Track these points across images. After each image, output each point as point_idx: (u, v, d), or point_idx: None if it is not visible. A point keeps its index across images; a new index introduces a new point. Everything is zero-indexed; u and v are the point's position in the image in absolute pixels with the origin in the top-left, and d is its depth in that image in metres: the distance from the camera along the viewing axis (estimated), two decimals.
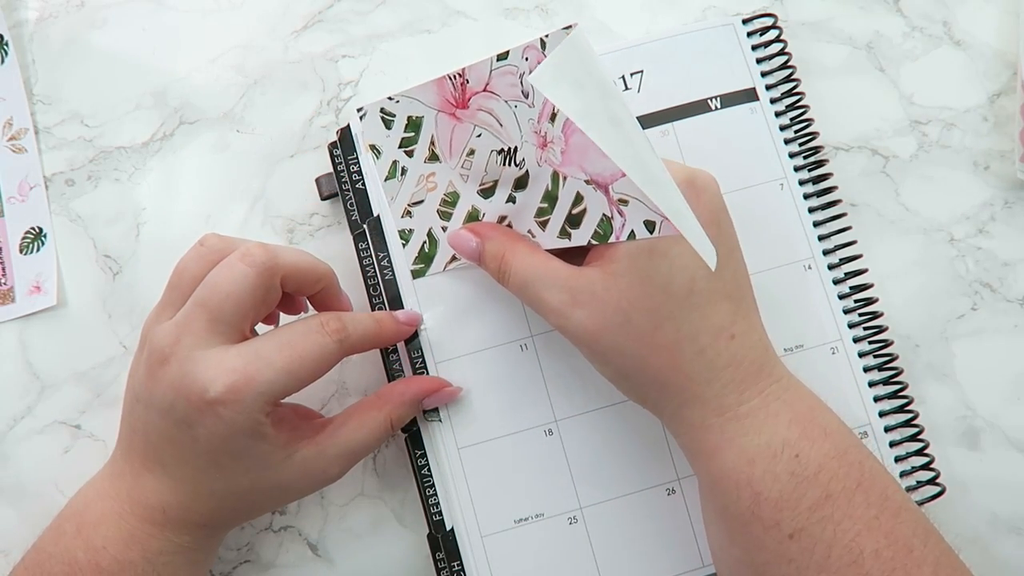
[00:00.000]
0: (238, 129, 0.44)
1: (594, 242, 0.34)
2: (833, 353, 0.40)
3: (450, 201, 0.39)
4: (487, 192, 0.38)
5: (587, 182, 0.33)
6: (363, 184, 0.41)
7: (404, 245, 0.40)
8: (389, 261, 0.41)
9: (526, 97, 0.34)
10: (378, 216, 0.41)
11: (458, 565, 0.39)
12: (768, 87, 0.42)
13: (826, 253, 0.41)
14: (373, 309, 0.41)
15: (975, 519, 0.41)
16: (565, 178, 0.34)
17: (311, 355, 0.34)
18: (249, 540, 0.41)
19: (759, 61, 0.43)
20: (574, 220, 0.35)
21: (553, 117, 0.33)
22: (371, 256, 0.41)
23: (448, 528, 0.39)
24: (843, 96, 0.45)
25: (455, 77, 0.36)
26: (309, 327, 0.35)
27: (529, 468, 0.39)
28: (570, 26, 0.30)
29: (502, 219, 0.38)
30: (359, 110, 0.38)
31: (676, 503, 0.39)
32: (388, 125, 0.39)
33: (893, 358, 0.41)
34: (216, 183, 0.44)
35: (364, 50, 0.45)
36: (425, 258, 0.40)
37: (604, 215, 0.33)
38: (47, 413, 0.42)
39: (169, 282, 0.36)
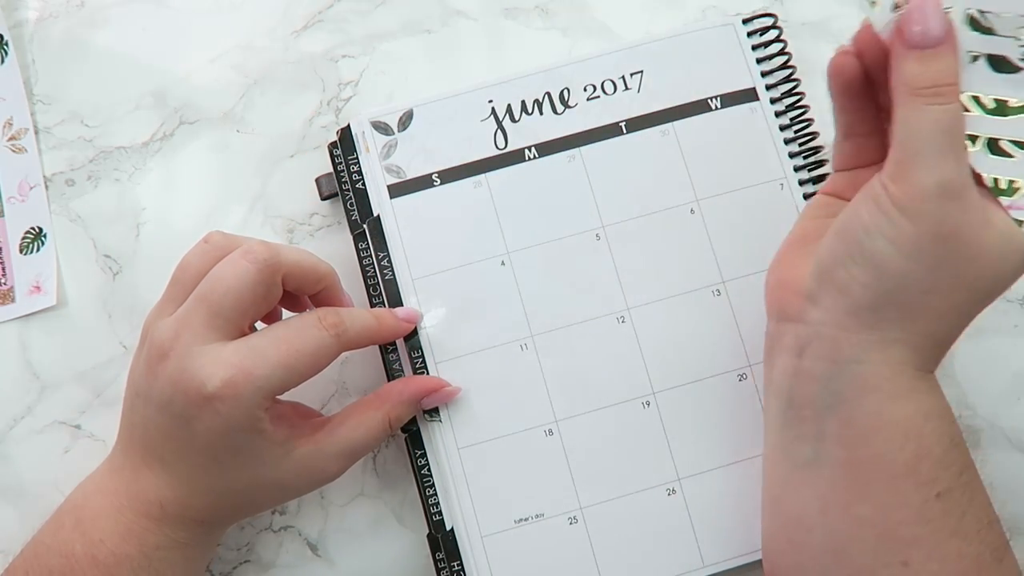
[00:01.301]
0: (238, 129, 0.45)
1: (991, 182, 0.31)
2: None
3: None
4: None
5: None
6: (363, 184, 0.41)
7: None
8: (389, 261, 0.41)
9: None
10: (378, 216, 0.41)
11: (458, 565, 0.39)
12: (768, 87, 0.42)
13: None
14: (373, 308, 0.41)
15: None
16: None
17: (308, 349, 0.34)
18: (249, 540, 0.41)
19: (759, 61, 0.43)
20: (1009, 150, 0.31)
21: None
22: (371, 256, 0.41)
23: (448, 528, 0.39)
24: None
25: None
26: (306, 322, 0.35)
27: (529, 468, 0.39)
28: None
29: None
30: None
31: (676, 503, 0.39)
32: None
33: None
34: (216, 183, 0.44)
35: (364, 50, 0.45)
36: None
37: None
38: (47, 413, 0.42)
39: (172, 278, 0.36)
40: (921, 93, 0.30)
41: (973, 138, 0.32)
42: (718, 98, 0.42)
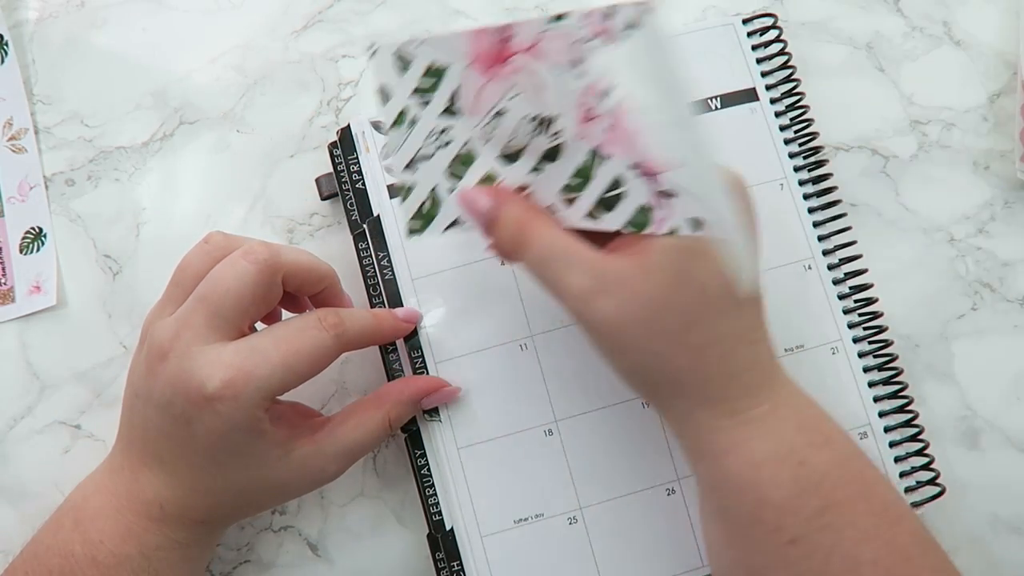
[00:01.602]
0: (238, 129, 0.45)
1: (627, 230, 0.32)
2: (833, 353, 0.40)
3: (464, 161, 0.36)
4: (511, 157, 0.35)
5: (632, 167, 0.31)
6: (363, 184, 0.41)
7: (402, 200, 0.36)
8: (389, 261, 0.41)
9: (575, 66, 0.31)
10: (378, 216, 0.41)
11: (458, 565, 0.39)
12: (768, 87, 0.42)
13: (826, 253, 0.41)
14: (373, 308, 0.41)
15: (975, 519, 0.41)
16: (605, 157, 0.32)
17: (307, 350, 0.34)
18: (249, 540, 0.41)
19: (759, 61, 0.43)
20: (607, 203, 0.33)
21: (606, 93, 0.31)
22: (371, 256, 0.41)
23: (448, 528, 0.39)
24: (843, 96, 0.45)
25: (499, 31, 0.32)
26: (306, 322, 0.35)
27: (529, 468, 0.39)
28: (643, 2, 0.29)
29: (521, 189, 0.35)
30: (371, 47, 0.34)
31: (676, 503, 0.39)
32: (403, 69, 0.34)
33: (893, 358, 0.41)
34: (216, 183, 0.44)
35: (364, 50, 0.45)
36: (423, 218, 0.36)
37: (643, 205, 0.32)
38: (47, 413, 0.42)
39: (172, 278, 0.36)
40: (514, 235, 0.33)
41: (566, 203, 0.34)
42: (718, 98, 0.42)
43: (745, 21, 0.43)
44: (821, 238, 0.41)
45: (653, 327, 0.31)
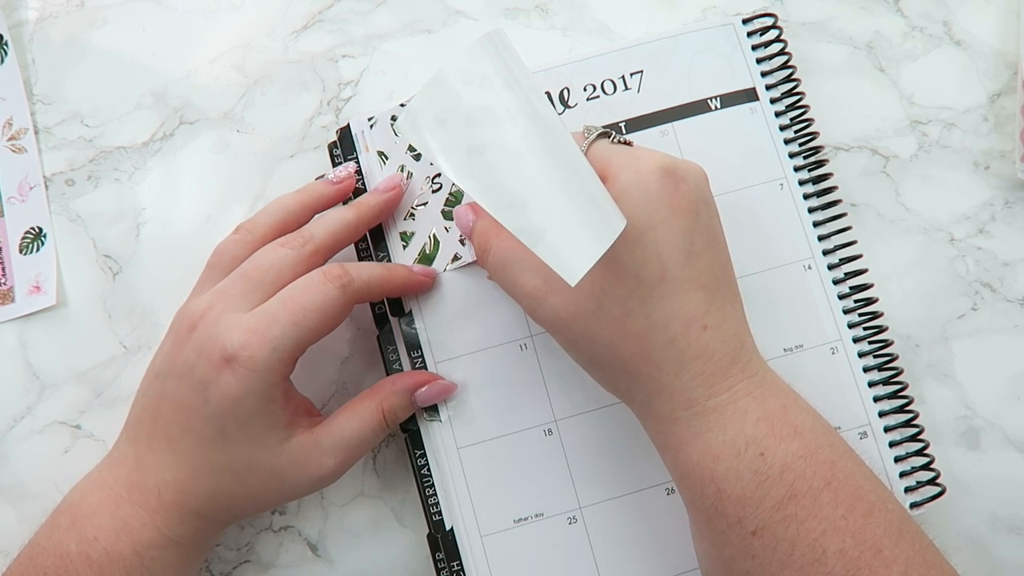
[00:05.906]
0: (238, 129, 0.45)
1: None
2: (833, 353, 0.40)
3: (455, 200, 0.40)
4: None
5: None
6: (363, 184, 0.41)
7: (404, 247, 0.40)
8: (389, 260, 0.41)
9: None
10: None
11: (458, 565, 0.39)
12: (768, 87, 0.42)
13: (826, 253, 0.41)
14: (375, 311, 0.41)
15: (975, 519, 0.41)
16: None
17: (314, 304, 0.35)
18: (249, 540, 0.41)
19: (759, 61, 0.43)
20: None
21: None
22: (371, 256, 0.41)
23: (448, 528, 0.39)
24: (843, 96, 0.45)
25: None
26: (311, 279, 0.35)
27: (529, 468, 0.39)
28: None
29: None
30: (370, 119, 0.39)
31: (676, 503, 0.39)
32: (396, 132, 0.40)
33: (893, 358, 0.41)
34: (216, 183, 0.44)
35: (364, 50, 0.45)
36: (426, 259, 0.40)
37: None
38: (47, 413, 0.42)
39: (208, 263, 0.38)
40: (481, 243, 0.36)
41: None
42: (718, 98, 0.42)
43: (745, 21, 0.43)
44: (821, 238, 0.41)
45: (598, 317, 0.32)
